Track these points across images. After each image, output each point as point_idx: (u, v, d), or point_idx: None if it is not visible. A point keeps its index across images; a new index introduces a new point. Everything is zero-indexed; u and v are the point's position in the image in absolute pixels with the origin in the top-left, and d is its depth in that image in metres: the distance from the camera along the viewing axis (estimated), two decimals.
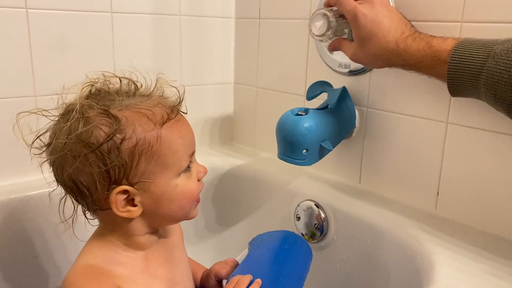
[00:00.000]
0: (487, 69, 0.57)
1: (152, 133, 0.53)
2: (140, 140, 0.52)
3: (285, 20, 1.00)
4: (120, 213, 0.54)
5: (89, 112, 0.52)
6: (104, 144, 0.51)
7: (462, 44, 0.60)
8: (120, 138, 0.51)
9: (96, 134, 0.51)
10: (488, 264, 0.63)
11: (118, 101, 0.54)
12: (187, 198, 0.58)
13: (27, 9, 0.81)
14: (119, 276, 0.55)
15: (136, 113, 0.53)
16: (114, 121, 0.51)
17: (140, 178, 0.53)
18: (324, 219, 0.86)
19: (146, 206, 0.55)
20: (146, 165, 0.53)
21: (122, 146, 0.51)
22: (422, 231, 0.72)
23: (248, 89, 1.12)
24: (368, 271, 0.80)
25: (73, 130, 0.51)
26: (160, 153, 0.54)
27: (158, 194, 0.55)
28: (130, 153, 0.52)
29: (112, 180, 0.52)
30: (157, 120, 0.54)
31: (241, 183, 1.03)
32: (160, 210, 0.56)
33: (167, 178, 0.55)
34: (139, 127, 0.52)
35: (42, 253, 0.81)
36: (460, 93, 0.63)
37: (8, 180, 0.84)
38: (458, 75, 0.60)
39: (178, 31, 1.03)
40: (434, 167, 0.78)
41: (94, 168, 0.51)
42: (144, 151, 0.53)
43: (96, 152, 0.51)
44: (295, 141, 0.76)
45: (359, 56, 0.71)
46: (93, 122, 0.51)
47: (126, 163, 0.52)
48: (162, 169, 0.54)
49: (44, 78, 0.85)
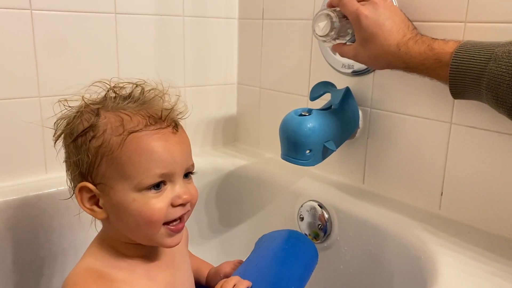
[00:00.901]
0: (489, 72, 0.57)
1: (117, 138, 0.53)
2: (105, 142, 0.53)
3: (288, 21, 1.00)
4: (84, 208, 0.55)
5: (85, 108, 0.56)
6: (79, 138, 0.54)
7: (464, 46, 0.60)
8: (91, 135, 0.53)
9: (77, 126, 0.55)
10: (492, 264, 0.63)
11: (114, 103, 0.56)
12: (144, 218, 0.53)
13: (31, 11, 0.81)
14: (118, 280, 0.55)
15: (115, 116, 0.54)
16: (94, 118, 0.54)
17: (101, 180, 0.54)
18: (328, 220, 0.86)
19: (108, 212, 0.55)
20: (106, 168, 0.53)
21: (91, 143, 0.53)
22: (426, 232, 0.72)
23: (252, 90, 1.13)
24: (372, 271, 0.80)
25: (70, 119, 0.56)
26: (119, 161, 0.52)
27: (115, 202, 0.54)
28: (95, 152, 0.53)
29: (82, 174, 0.54)
30: (128, 127, 0.53)
31: (244, 183, 1.03)
32: (120, 221, 0.55)
33: (125, 189, 0.53)
34: (109, 129, 0.53)
35: (47, 253, 0.82)
36: (462, 96, 0.63)
37: (16, 180, 0.84)
38: (460, 77, 0.60)
39: (182, 32, 1.03)
40: (438, 168, 0.78)
41: (72, 157, 0.55)
42: (106, 153, 0.53)
43: (74, 143, 0.54)
44: (299, 142, 0.76)
45: (361, 56, 0.71)
46: (80, 115, 0.55)
47: (90, 160, 0.53)
48: (120, 178, 0.53)
49: (48, 79, 0.85)
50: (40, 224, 0.80)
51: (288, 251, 0.68)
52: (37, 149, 0.86)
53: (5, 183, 0.83)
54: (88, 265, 0.56)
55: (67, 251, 0.83)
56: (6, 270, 0.78)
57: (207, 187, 1.04)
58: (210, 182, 1.04)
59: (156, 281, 0.59)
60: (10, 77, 0.81)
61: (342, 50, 0.75)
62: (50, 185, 0.82)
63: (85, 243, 0.61)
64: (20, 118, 0.83)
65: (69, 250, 0.83)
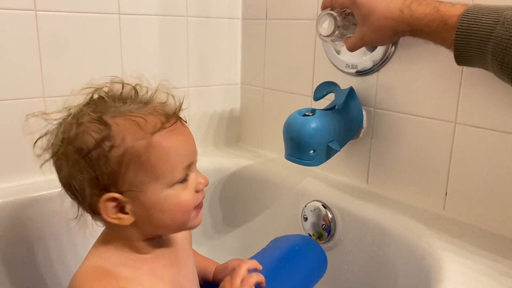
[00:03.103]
0: (496, 36, 0.55)
1: (142, 142, 0.52)
2: (128, 149, 0.51)
3: (292, 21, 1.00)
4: (110, 219, 0.53)
5: (83, 118, 0.52)
6: (93, 151, 0.51)
7: (472, 9, 0.58)
8: (109, 145, 0.51)
9: (86, 140, 0.51)
10: (497, 265, 0.63)
11: (114, 107, 0.54)
12: (180, 210, 0.56)
13: (36, 11, 0.81)
14: (124, 278, 0.55)
15: (128, 121, 0.52)
16: (105, 128, 0.51)
17: (129, 187, 0.52)
18: (332, 220, 0.86)
19: (137, 215, 0.54)
20: (134, 174, 0.52)
21: (110, 154, 0.51)
22: (430, 232, 0.72)
23: (255, 90, 1.13)
24: (376, 272, 0.80)
25: (66, 134, 0.52)
26: (149, 163, 0.52)
27: (148, 204, 0.54)
28: (118, 162, 0.51)
29: (101, 187, 0.52)
30: (148, 129, 0.53)
31: (248, 183, 1.03)
32: (152, 220, 0.55)
33: (158, 188, 0.54)
34: (128, 136, 0.52)
35: (52, 254, 0.82)
36: (466, 61, 0.61)
37: (20, 180, 0.85)
38: (466, 41, 0.58)
39: (185, 32, 1.03)
40: (442, 168, 0.77)
41: (85, 174, 0.51)
42: (132, 160, 0.51)
43: (85, 158, 0.51)
44: (302, 142, 0.76)
45: (367, 35, 0.70)
46: (84, 128, 0.51)
47: (114, 171, 0.51)
48: (152, 179, 0.53)
49: (52, 80, 0.86)
50: (42, 224, 0.81)
51: (295, 253, 0.68)
52: None
53: (11, 183, 0.84)
54: (93, 264, 0.56)
55: (68, 252, 0.84)
56: (7, 270, 0.78)
57: (211, 187, 1.04)
58: (214, 182, 1.04)
59: (162, 279, 0.59)
60: (14, 77, 0.82)
61: (348, 42, 0.74)
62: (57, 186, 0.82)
63: (85, 243, 0.61)
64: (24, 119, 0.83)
65: (69, 250, 0.84)
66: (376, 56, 0.83)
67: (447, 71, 0.74)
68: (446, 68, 0.74)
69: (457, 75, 0.73)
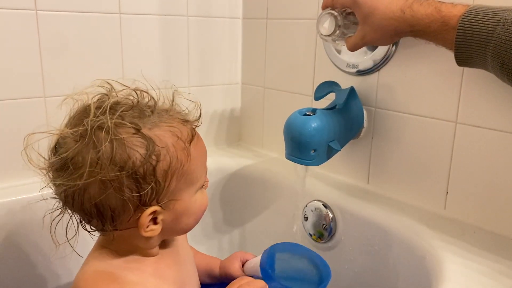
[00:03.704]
0: (496, 37, 0.55)
1: (184, 152, 0.52)
2: (173, 160, 0.51)
3: (292, 20, 1.00)
4: (145, 233, 0.52)
5: (121, 133, 0.48)
6: (140, 168, 0.48)
7: (473, 10, 0.59)
8: (155, 159, 0.49)
9: (132, 156, 0.48)
10: (497, 265, 0.63)
11: (146, 118, 0.51)
12: (202, 211, 0.59)
13: (36, 11, 0.81)
14: (129, 282, 0.54)
15: (167, 132, 0.51)
16: (148, 141, 0.49)
17: (168, 197, 0.52)
18: (332, 220, 0.86)
19: (166, 223, 0.54)
20: (176, 184, 0.52)
21: (157, 168, 0.50)
22: (431, 232, 0.72)
23: (256, 90, 1.13)
24: (377, 271, 0.80)
25: (105, 153, 0.47)
26: (188, 171, 0.53)
27: (180, 211, 0.55)
28: (164, 174, 0.50)
29: (142, 202, 0.50)
30: (185, 139, 0.53)
31: (249, 183, 1.03)
32: (178, 225, 0.56)
33: (191, 194, 0.55)
34: (171, 147, 0.51)
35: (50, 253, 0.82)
36: (467, 62, 0.62)
37: (22, 180, 0.85)
38: (466, 42, 0.59)
39: (186, 32, 1.03)
40: (443, 167, 0.77)
41: (126, 191, 0.48)
42: (176, 170, 0.52)
43: (131, 176, 0.48)
44: (303, 141, 0.76)
45: (368, 34, 0.70)
46: (128, 144, 0.48)
47: (159, 184, 0.50)
48: (187, 187, 0.54)
49: (53, 79, 0.85)
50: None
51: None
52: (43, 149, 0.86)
53: (11, 183, 0.84)
54: (96, 269, 0.55)
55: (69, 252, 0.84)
56: (8, 270, 0.78)
57: (212, 187, 1.04)
58: (215, 182, 1.04)
59: (166, 279, 0.59)
60: (15, 77, 0.82)
61: (349, 42, 0.74)
62: None
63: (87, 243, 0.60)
64: (26, 118, 0.84)
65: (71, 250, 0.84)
66: (377, 56, 0.83)
67: (448, 71, 0.74)
68: (447, 68, 0.74)
69: (458, 75, 0.73)
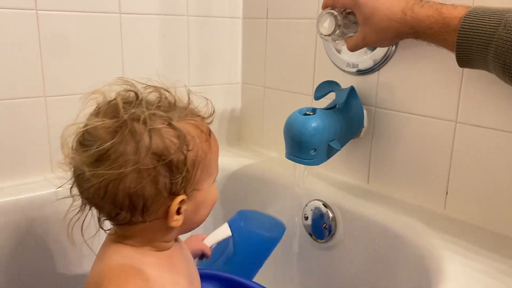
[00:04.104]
0: (497, 38, 0.55)
1: (206, 144, 0.56)
2: (199, 150, 0.54)
3: (292, 20, 1.00)
4: (172, 223, 0.54)
5: (155, 124, 0.51)
6: (174, 156, 0.51)
7: (473, 11, 0.59)
8: (186, 149, 0.52)
9: (168, 146, 0.51)
10: (497, 264, 0.63)
11: (172, 112, 0.54)
12: (214, 203, 0.61)
13: (37, 11, 0.81)
14: (151, 277, 0.54)
15: (191, 125, 0.55)
16: (179, 133, 0.52)
17: (193, 187, 0.55)
18: (332, 219, 0.86)
19: (187, 214, 0.56)
20: (200, 174, 0.55)
21: (188, 157, 0.53)
22: (431, 231, 0.72)
23: (256, 89, 1.13)
24: (377, 271, 0.80)
25: (144, 143, 0.50)
26: (209, 162, 0.56)
27: (200, 201, 0.57)
28: (192, 163, 0.53)
29: (173, 191, 0.52)
30: (206, 131, 0.57)
31: (249, 182, 1.03)
32: (195, 217, 0.58)
33: (208, 185, 0.58)
34: (197, 139, 0.54)
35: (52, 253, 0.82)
36: (468, 63, 0.62)
37: (21, 179, 0.85)
38: (468, 43, 0.59)
39: (186, 32, 1.03)
40: (443, 167, 0.77)
41: (161, 180, 0.51)
42: (201, 161, 0.55)
43: (165, 165, 0.51)
44: (303, 141, 0.76)
45: (368, 36, 0.70)
46: (163, 134, 0.51)
47: (189, 173, 0.53)
48: (207, 177, 0.57)
49: (53, 79, 0.86)
50: (46, 224, 0.81)
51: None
52: (43, 148, 0.87)
53: (11, 182, 0.84)
54: (121, 262, 0.54)
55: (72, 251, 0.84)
56: (12, 269, 0.78)
57: None
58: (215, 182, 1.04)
59: (181, 273, 0.59)
60: (15, 77, 0.82)
61: (350, 42, 0.74)
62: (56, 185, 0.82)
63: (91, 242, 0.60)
64: (26, 118, 0.84)
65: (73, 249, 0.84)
66: (377, 55, 0.83)
67: (448, 70, 0.74)
68: (447, 67, 0.74)
69: (457, 74, 0.73)
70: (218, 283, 0.74)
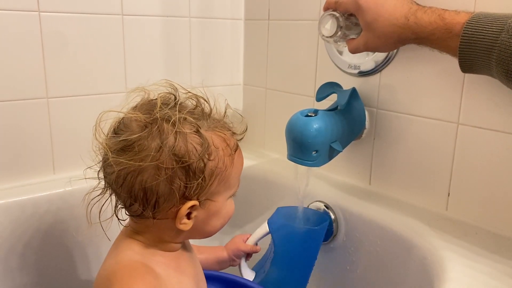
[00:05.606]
0: (500, 43, 0.55)
1: (229, 158, 0.57)
2: (220, 162, 0.55)
3: (294, 21, 1.00)
4: (180, 225, 0.55)
5: (184, 128, 0.53)
6: (194, 163, 0.52)
7: (476, 17, 0.59)
8: (207, 159, 0.54)
9: (190, 151, 0.52)
10: (499, 266, 0.63)
11: (204, 121, 0.56)
12: (229, 217, 0.61)
13: (39, 12, 0.82)
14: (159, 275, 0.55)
15: (218, 137, 0.56)
16: (204, 141, 0.53)
17: (207, 196, 0.56)
18: (334, 221, 0.86)
19: (197, 220, 0.57)
20: (217, 185, 0.56)
21: (207, 166, 0.54)
22: (433, 233, 0.72)
23: (258, 90, 1.13)
24: (378, 272, 0.80)
25: (168, 143, 0.52)
26: (229, 176, 0.57)
27: (212, 212, 0.58)
28: (211, 173, 0.54)
29: (186, 195, 0.53)
30: (232, 146, 0.57)
31: (250, 184, 1.03)
32: (206, 226, 0.59)
33: (224, 198, 0.59)
34: (221, 151, 0.55)
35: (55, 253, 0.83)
36: (471, 69, 0.62)
37: (24, 180, 0.85)
38: (471, 49, 0.59)
39: (188, 33, 1.03)
40: (445, 168, 0.77)
41: (176, 181, 0.52)
42: (220, 173, 0.55)
43: (183, 168, 0.52)
44: (305, 142, 0.76)
45: (371, 40, 0.70)
46: (187, 138, 0.53)
47: (205, 181, 0.54)
48: (224, 190, 0.58)
49: (56, 81, 0.86)
50: (48, 224, 0.81)
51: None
52: (45, 149, 0.87)
53: (13, 183, 0.84)
54: (132, 257, 0.55)
55: (76, 250, 0.84)
56: (13, 269, 0.78)
57: None
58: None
59: (187, 275, 0.60)
60: (18, 78, 0.82)
61: (351, 45, 0.74)
62: (58, 186, 0.82)
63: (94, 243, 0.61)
64: (29, 119, 0.84)
65: (76, 249, 0.84)
66: (379, 57, 0.83)
67: (449, 72, 0.74)
68: (448, 69, 0.74)
69: (459, 76, 0.73)
70: (221, 285, 0.74)
